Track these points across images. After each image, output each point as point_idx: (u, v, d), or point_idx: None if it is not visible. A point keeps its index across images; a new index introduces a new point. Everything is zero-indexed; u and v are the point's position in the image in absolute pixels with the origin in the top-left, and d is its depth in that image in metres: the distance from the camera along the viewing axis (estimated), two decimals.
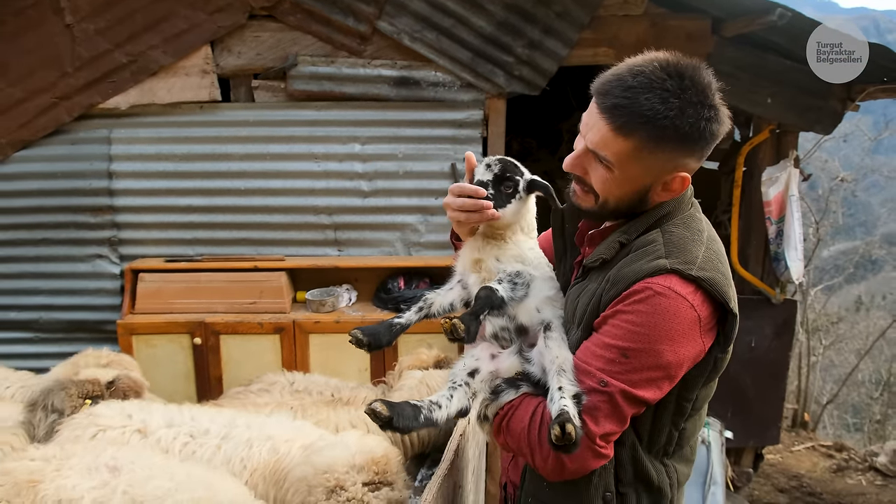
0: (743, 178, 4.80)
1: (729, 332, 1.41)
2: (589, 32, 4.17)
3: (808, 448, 7.83)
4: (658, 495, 1.52)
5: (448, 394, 1.52)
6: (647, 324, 1.34)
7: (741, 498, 5.09)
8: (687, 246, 1.41)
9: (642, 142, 1.36)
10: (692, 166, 1.43)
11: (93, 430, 2.18)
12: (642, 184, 1.43)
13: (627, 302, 1.37)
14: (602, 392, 1.36)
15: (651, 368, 1.35)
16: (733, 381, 4.80)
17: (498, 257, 1.63)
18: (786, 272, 4.62)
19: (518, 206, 1.63)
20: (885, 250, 15.90)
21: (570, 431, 1.28)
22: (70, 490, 1.67)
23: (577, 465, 1.38)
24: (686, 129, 1.34)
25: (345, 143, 4.25)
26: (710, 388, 1.54)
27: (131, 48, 4.02)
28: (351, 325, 3.93)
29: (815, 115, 4.59)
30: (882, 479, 6.78)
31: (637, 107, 1.33)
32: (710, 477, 4.16)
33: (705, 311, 1.37)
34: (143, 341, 3.99)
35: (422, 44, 4.11)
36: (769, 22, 3.84)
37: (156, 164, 4.24)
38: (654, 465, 1.50)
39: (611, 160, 1.40)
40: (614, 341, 1.37)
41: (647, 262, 1.39)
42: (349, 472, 1.94)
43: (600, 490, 1.49)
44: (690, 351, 1.37)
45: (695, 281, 1.36)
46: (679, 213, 1.49)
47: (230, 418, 2.39)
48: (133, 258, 4.26)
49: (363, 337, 1.53)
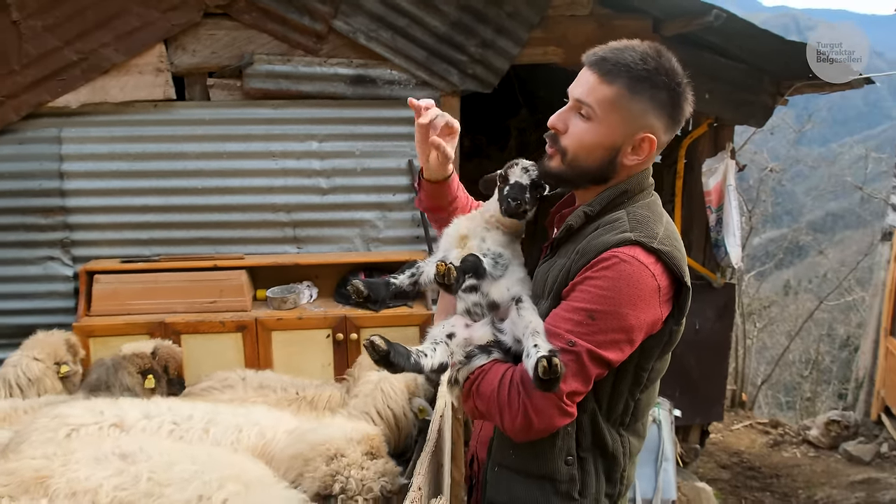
0: (684, 170, 5.05)
1: (683, 305, 1.55)
2: (539, 32, 4.32)
3: (746, 426, 8.23)
4: (612, 462, 1.63)
5: (431, 347, 1.61)
6: (612, 288, 1.47)
7: (690, 473, 5.36)
8: (649, 224, 1.55)
9: (622, 89, 1.52)
10: (660, 134, 1.58)
11: (65, 431, 2.14)
12: (616, 138, 1.56)
13: (595, 269, 1.50)
14: (570, 352, 1.46)
15: (615, 330, 1.47)
16: (680, 363, 5.05)
17: (484, 238, 1.74)
18: (726, 257, 4.89)
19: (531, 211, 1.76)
20: (811, 236, 16.71)
21: (556, 364, 1.38)
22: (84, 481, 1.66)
23: (545, 423, 1.49)
24: (659, 84, 1.52)
25: (302, 140, 4.29)
26: (664, 362, 1.66)
27: (82, 46, 3.95)
28: (313, 321, 3.98)
29: (749, 110, 4.87)
30: (815, 451, 7.20)
31: (621, 59, 1.53)
32: (662, 454, 4.39)
33: (664, 281, 1.51)
34: (100, 343, 3.92)
35: (377, 43, 4.18)
36: (706, 22, 4.05)
37: (109, 163, 4.19)
38: (610, 433, 1.62)
39: (593, 106, 1.55)
40: (582, 304, 1.49)
41: (614, 235, 1.53)
42: (348, 443, 2.01)
43: (563, 453, 1.60)
44: (650, 316, 1.50)
45: (656, 253, 1.50)
46: (640, 193, 1.63)
47: (212, 406, 2.41)
48: (87, 259, 4.18)
49: (363, 288, 1.61)
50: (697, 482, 5.30)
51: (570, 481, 1.61)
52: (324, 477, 1.95)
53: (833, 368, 15.04)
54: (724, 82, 4.72)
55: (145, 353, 3.13)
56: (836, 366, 15.12)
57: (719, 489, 6.02)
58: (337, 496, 1.92)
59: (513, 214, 1.71)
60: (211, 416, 2.29)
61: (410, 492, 1.71)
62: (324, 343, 3.98)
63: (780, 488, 6.33)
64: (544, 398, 1.46)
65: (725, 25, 4.09)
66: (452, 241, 1.77)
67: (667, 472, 4.38)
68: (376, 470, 1.99)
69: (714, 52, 4.67)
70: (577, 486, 1.61)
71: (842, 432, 7.19)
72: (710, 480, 6.01)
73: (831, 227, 24.71)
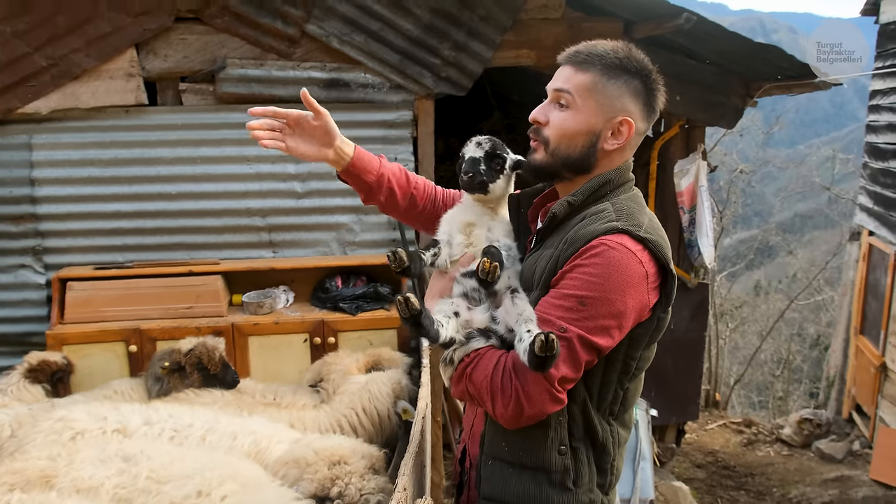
0: (657, 171, 5.12)
1: (669, 293, 1.58)
2: (511, 35, 4.36)
3: (721, 426, 8.34)
4: (602, 451, 1.64)
5: (445, 320, 1.60)
6: (601, 274, 1.49)
7: (667, 472, 5.41)
8: (634, 214, 1.60)
9: (597, 75, 1.59)
10: (637, 119, 1.62)
11: (69, 434, 2.17)
12: (595, 123, 1.61)
13: (584, 257, 1.53)
14: (562, 338, 1.48)
15: (605, 316, 1.49)
16: (656, 362, 5.06)
17: (490, 228, 1.76)
18: (699, 258, 4.96)
19: (506, 182, 1.79)
20: (780, 237, 16.98)
21: (553, 340, 1.38)
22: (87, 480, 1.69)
23: (535, 409, 1.50)
24: (631, 71, 1.60)
25: None
26: (651, 351, 1.68)
27: (52, 51, 3.91)
28: (290, 326, 3.96)
29: (720, 111, 4.96)
30: (788, 450, 7.31)
31: (593, 50, 1.62)
32: (639, 453, 4.43)
33: (651, 268, 1.54)
34: (75, 351, 3.86)
35: (351, 46, 4.19)
36: (676, 25, 4.13)
37: (80, 169, 4.14)
38: (600, 423, 1.63)
39: (571, 92, 1.60)
40: (572, 291, 1.51)
41: (601, 224, 1.56)
42: (353, 454, 2.02)
43: (556, 443, 1.62)
44: (638, 302, 1.53)
45: (642, 241, 1.53)
46: (621, 184, 1.67)
47: (213, 415, 2.42)
48: (59, 267, 4.14)
49: (406, 259, 1.57)
50: (674, 482, 5.35)
51: (563, 471, 1.62)
52: (323, 479, 1.95)
53: (804, 367, 15.30)
54: (695, 84, 4.80)
55: (180, 350, 3.28)
56: (807, 365, 15.38)
57: (695, 488, 6.09)
58: (333, 500, 1.92)
59: (469, 188, 1.74)
60: (211, 424, 2.31)
61: (396, 492, 1.71)
62: (301, 347, 3.96)
63: (755, 487, 6.41)
64: (536, 384, 1.48)
65: (695, 28, 4.17)
66: (457, 227, 1.78)
67: (644, 472, 4.43)
68: (377, 484, 2.00)
69: (684, 54, 4.75)
70: (571, 475, 1.63)
71: (814, 431, 7.31)
72: (686, 480, 6.07)
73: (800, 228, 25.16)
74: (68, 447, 1.91)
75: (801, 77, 4.80)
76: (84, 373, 3.81)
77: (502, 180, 1.77)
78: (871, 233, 7.41)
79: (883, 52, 7.22)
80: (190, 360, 3.27)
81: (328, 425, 3.03)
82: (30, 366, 3.37)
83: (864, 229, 7.63)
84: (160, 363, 3.26)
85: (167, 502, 1.69)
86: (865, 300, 7.50)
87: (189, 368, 3.28)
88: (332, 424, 3.03)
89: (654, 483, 4.64)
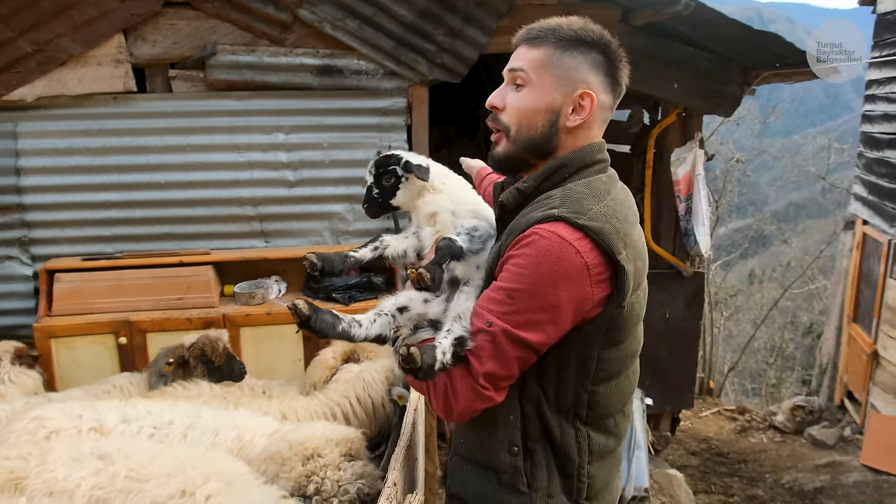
0: (653, 160, 5.07)
1: (621, 286, 1.44)
2: (507, 21, 4.29)
3: (714, 413, 8.37)
4: (563, 457, 1.54)
5: (372, 318, 1.58)
6: (530, 266, 1.40)
7: (661, 460, 5.41)
8: (582, 200, 1.47)
9: (551, 49, 1.52)
10: (598, 92, 1.53)
11: (43, 433, 2.09)
12: (553, 99, 1.52)
13: (517, 247, 1.44)
14: (487, 332, 1.42)
15: (534, 310, 1.40)
16: (651, 351, 5.07)
17: (454, 211, 1.70)
18: (695, 246, 4.93)
19: (408, 189, 1.73)
20: (775, 226, 16.99)
21: (413, 354, 1.35)
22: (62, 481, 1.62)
23: (463, 405, 1.44)
24: (588, 42, 1.52)
25: (268, 132, 4.21)
26: (620, 351, 1.54)
27: (37, 36, 3.81)
28: (283, 316, 3.91)
29: (717, 100, 4.91)
30: (781, 436, 7.35)
31: (545, 25, 1.54)
32: (634, 442, 4.42)
33: (594, 259, 1.41)
34: (63, 344, 3.81)
35: (344, 32, 4.11)
36: (675, 11, 4.06)
37: (68, 158, 4.06)
38: (560, 425, 1.53)
39: (525, 69, 1.53)
40: (503, 284, 1.44)
41: (540, 212, 1.46)
42: (327, 443, 1.97)
43: (505, 443, 1.54)
44: (574, 295, 1.41)
45: (582, 229, 1.41)
46: (581, 167, 1.55)
47: (194, 410, 2.36)
48: (47, 258, 4.06)
49: (317, 261, 1.58)
50: (669, 469, 5.35)
51: (513, 473, 1.55)
52: (298, 477, 1.90)
53: (797, 355, 15.37)
54: (693, 72, 4.75)
55: (183, 344, 3.25)
56: (800, 352, 15.45)
57: (689, 475, 6.11)
58: (312, 497, 1.87)
59: (371, 216, 1.76)
60: (192, 420, 2.26)
61: (386, 487, 1.67)
62: (294, 338, 3.91)
63: (748, 473, 6.44)
64: (462, 380, 1.43)
65: (694, 15, 4.10)
66: (423, 219, 1.73)
67: (639, 460, 4.43)
68: (354, 472, 1.95)
69: (683, 41, 4.69)
70: (525, 478, 1.54)
71: (806, 417, 7.34)
72: (680, 467, 6.09)
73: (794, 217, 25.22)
74: (40, 446, 1.83)
75: (800, 65, 4.75)
76: (73, 365, 3.77)
77: (403, 189, 1.73)
78: (864, 222, 7.41)
79: (880, 41, 7.20)
80: (193, 353, 3.22)
81: (321, 414, 3.01)
82: (16, 350, 3.31)
83: (858, 218, 7.63)
84: (165, 360, 3.22)
85: (149, 502, 1.64)
86: (859, 289, 7.51)
87: (193, 361, 3.24)
88: (325, 413, 3.01)
89: (648, 471, 4.64)
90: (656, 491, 4.88)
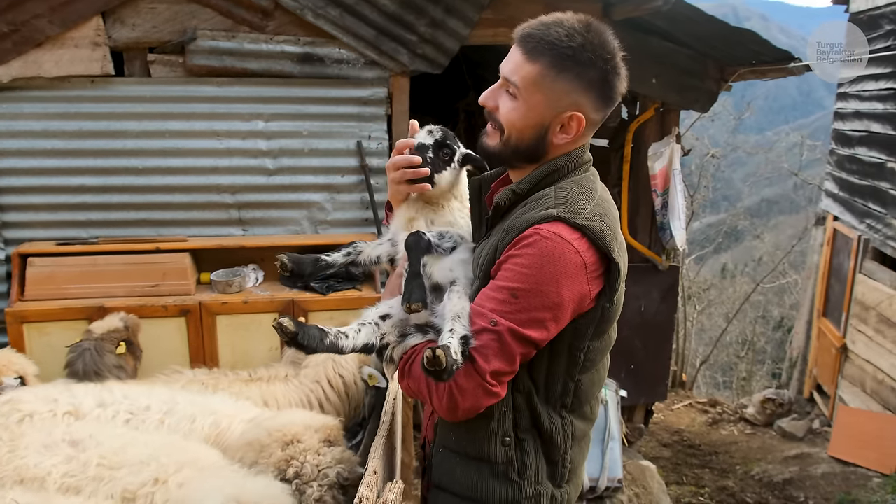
0: (631, 154, 5.12)
1: (613, 282, 1.51)
2: (489, 13, 4.29)
3: (686, 406, 8.49)
4: (549, 444, 1.60)
5: (357, 328, 1.60)
6: (533, 265, 1.44)
7: (634, 451, 5.49)
8: (576, 199, 1.53)
9: (545, 68, 1.49)
10: (589, 112, 1.55)
11: (17, 416, 2.06)
12: (542, 117, 1.54)
13: (517, 247, 1.48)
14: (492, 331, 1.45)
15: (538, 309, 1.45)
16: (626, 344, 5.15)
17: (432, 220, 1.72)
18: (671, 240, 5.00)
19: (452, 175, 1.73)
20: (748, 221, 17.20)
21: (439, 356, 1.36)
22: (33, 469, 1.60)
23: (469, 403, 1.47)
24: (585, 62, 1.48)
25: (248, 120, 4.18)
26: (603, 341, 1.62)
27: (13, 16, 3.75)
28: (260, 305, 3.91)
29: (694, 95, 4.97)
30: (751, 429, 7.47)
31: (546, 35, 1.49)
32: (609, 433, 4.48)
33: (590, 257, 1.47)
34: (35, 329, 3.77)
35: (325, 20, 4.09)
36: (655, 7, 4.10)
37: (43, 141, 4.00)
38: (549, 415, 1.59)
39: (518, 85, 1.52)
40: (505, 283, 1.47)
41: (538, 212, 1.50)
42: (306, 430, 1.98)
43: (499, 435, 1.59)
44: (575, 293, 1.46)
45: (580, 229, 1.46)
46: (572, 170, 1.60)
47: (169, 395, 2.35)
48: (20, 242, 4.01)
49: (288, 262, 1.60)
50: (642, 461, 5.42)
51: (507, 463, 1.60)
52: (278, 462, 1.91)
53: (767, 349, 15.62)
54: (671, 67, 4.80)
55: (119, 327, 3.21)
56: (771, 346, 15.70)
57: (661, 467, 6.19)
58: (292, 480, 1.89)
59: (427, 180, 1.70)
60: (169, 406, 2.24)
61: (366, 475, 1.69)
62: (270, 327, 3.90)
63: (719, 464, 6.55)
64: (468, 378, 1.45)
65: (673, 10, 4.14)
66: (401, 224, 1.74)
67: (613, 452, 4.48)
68: (333, 457, 1.96)
69: (662, 37, 4.73)
70: (516, 467, 1.60)
71: (776, 410, 7.47)
72: (652, 458, 6.17)
73: (767, 213, 25.57)
74: (11, 431, 1.81)
75: (776, 62, 4.82)
76: (46, 351, 3.72)
77: (449, 172, 1.71)
78: (835, 218, 7.54)
79: None
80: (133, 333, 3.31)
81: (297, 401, 3.02)
82: None
83: (829, 214, 7.77)
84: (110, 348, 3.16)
85: (120, 490, 1.64)
86: (829, 283, 7.65)
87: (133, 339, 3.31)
88: (301, 400, 3.02)
89: (622, 462, 4.70)
90: (629, 482, 4.95)
